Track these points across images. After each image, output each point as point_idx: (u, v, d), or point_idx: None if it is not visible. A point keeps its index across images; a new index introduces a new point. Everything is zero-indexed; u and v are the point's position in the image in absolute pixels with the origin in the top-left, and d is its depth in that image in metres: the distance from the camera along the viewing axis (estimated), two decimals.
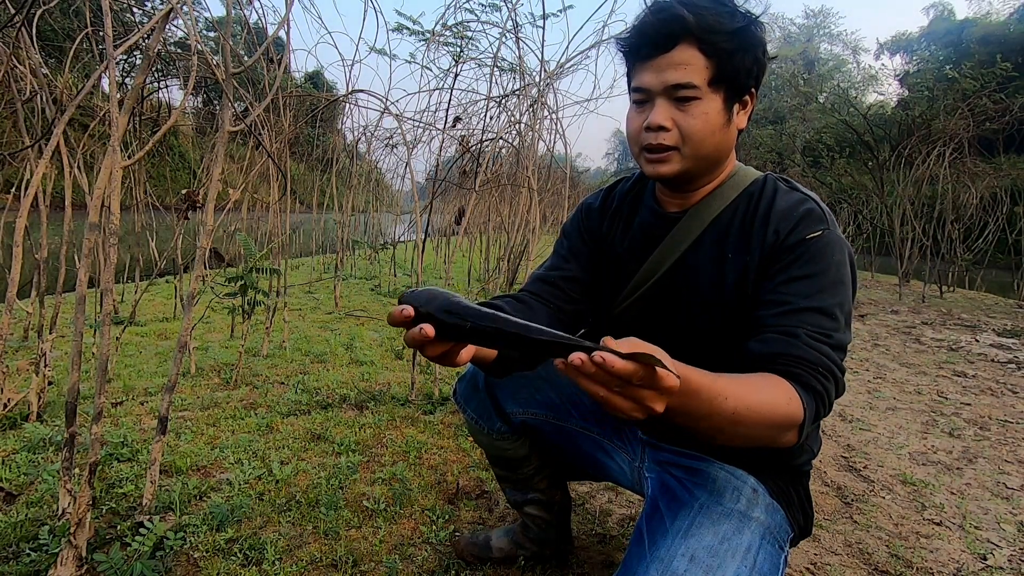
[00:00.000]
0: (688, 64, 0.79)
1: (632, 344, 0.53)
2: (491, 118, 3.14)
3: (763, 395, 0.68)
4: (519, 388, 1.14)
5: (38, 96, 1.91)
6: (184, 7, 1.35)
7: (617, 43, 0.87)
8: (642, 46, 0.82)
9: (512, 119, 3.05)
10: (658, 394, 0.53)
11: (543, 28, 2.72)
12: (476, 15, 2.85)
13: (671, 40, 0.79)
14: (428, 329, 0.56)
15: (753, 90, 0.85)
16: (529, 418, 1.15)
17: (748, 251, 0.85)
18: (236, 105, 1.52)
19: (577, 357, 0.51)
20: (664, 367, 0.51)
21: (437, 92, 3.46)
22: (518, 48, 2.83)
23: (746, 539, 0.79)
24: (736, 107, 0.84)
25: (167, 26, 1.26)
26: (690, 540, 0.77)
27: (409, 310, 0.57)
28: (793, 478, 0.93)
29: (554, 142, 3.41)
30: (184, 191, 2.20)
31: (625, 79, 0.91)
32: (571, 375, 0.53)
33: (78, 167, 2.16)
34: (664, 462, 1.00)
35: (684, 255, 0.91)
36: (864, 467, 2.03)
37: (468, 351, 0.63)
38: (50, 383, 2.06)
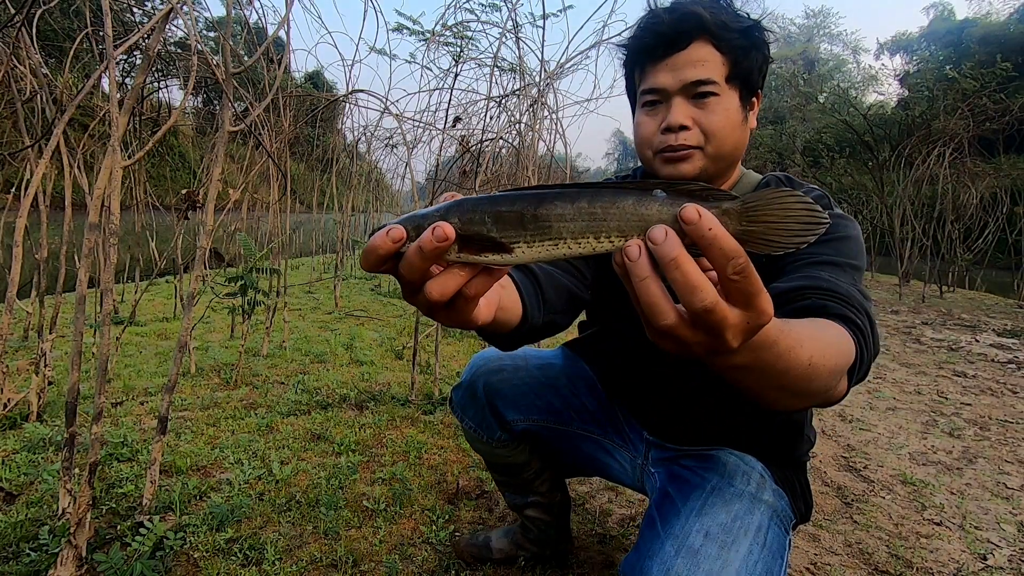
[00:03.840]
0: (706, 61, 0.78)
1: None
2: (491, 118, 3.14)
3: (828, 336, 0.56)
4: (520, 395, 1.13)
5: (38, 96, 1.91)
6: (184, 7, 1.35)
7: (623, 46, 0.86)
8: (657, 45, 0.80)
9: (512, 119, 3.05)
10: (748, 317, 0.38)
11: (543, 28, 2.72)
12: (476, 15, 2.85)
13: (686, 37, 0.78)
14: (447, 228, 0.37)
15: (759, 91, 0.85)
16: (531, 425, 1.14)
17: None
18: (236, 105, 1.52)
19: (661, 230, 0.36)
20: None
21: (437, 92, 3.46)
22: (518, 48, 2.83)
23: (757, 519, 0.79)
24: (749, 105, 0.85)
25: (167, 26, 1.26)
26: (704, 518, 0.78)
27: (398, 230, 0.38)
28: (795, 468, 0.95)
29: (554, 142, 3.40)
30: (184, 191, 2.20)
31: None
32: (633, 270, 0.37)
33: (78, 167, 2.16)
34: (670, 458, 1.00)
35: None
36: (864, 467, 2.03)
37: (489, 305, 0.49)
38: (50, 383, 2.06)
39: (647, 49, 0.82)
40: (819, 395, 0.56)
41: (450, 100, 3.03)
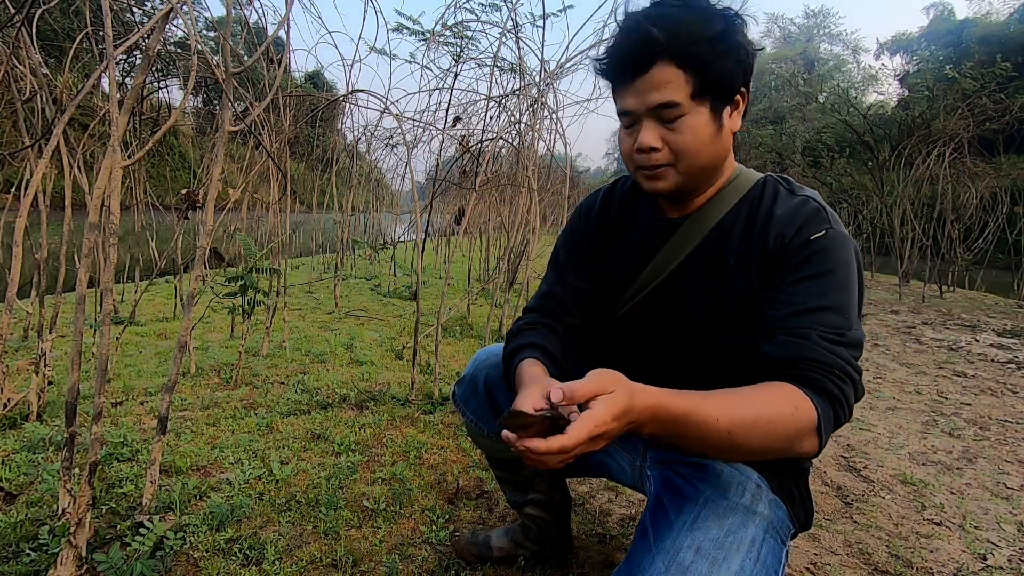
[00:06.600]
0: (667, 83, 0.77)
1: (594, 381, 0.62)
2: (491, 118, 3.14)
3: (762, 410, 0.68)
4: None
5: (38, 96, 1.91)
6: (184, 7, 1.35)
7: (594, 68, 0.87)
8: (620, 71, 0.81)
9: (512, 119, 3.05)
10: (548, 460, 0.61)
11: (543, 28, 2.72)
12: (476, 15, 2.85)
13: (646, 60, 0.77)
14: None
15: (743, 89, 0.83)
16: None
17: (749, 257, 0.85)
18: (236, 105, 1.52)
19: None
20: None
21: (437, 92, 3.46)
22: (518, 48, 2.83)
23: (751, 532, 0.79)
24: (727, 110, 0.83)
25: (167, 26, 1.26)
26: (696, 533, 0.77)
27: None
28: (794, 475, 0.93)
29: (554, 142, 3.40)
30: (184, 191, 2.20)
31: None
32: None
33: (78, 167, 2.16)
34: (667, 460, 0.99)
35: (684, 261, 0.90)
36: (864, 467, 2.03)
37: None
38: (50, 383, 2.06)
39: (612, 74, 0.82)
40: (770, 454, 0.70)
41: (450, 100, 3.04)
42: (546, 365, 0.88)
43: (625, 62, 0.79)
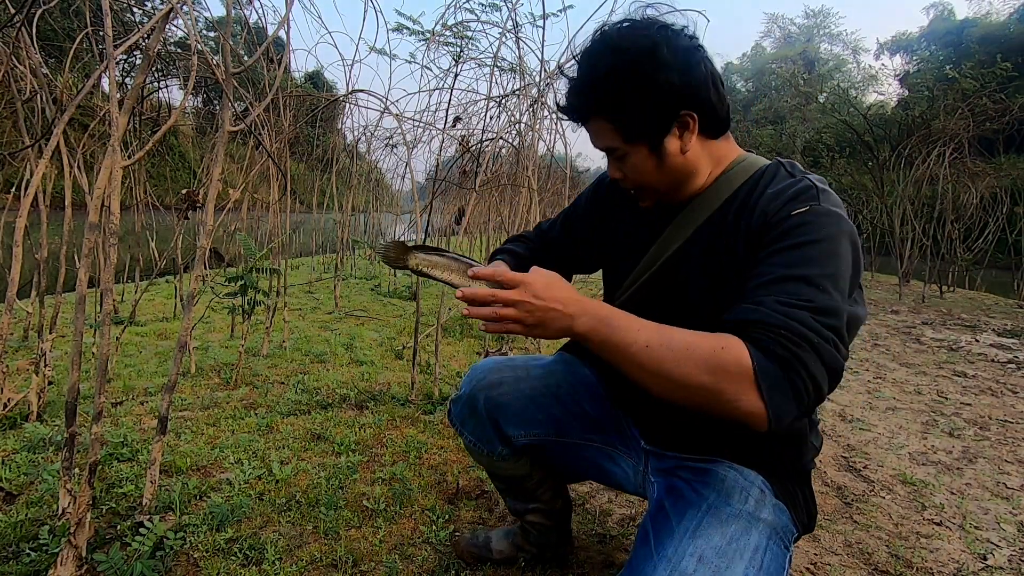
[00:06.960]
0: (601, 134, 0.86)
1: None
2: (491, 118, 3.14)
3: (687, 336, 0.69)
4: (521, 408, 1.12)
5: (38, 96, 1.91)
6: (184, 7, 1.35)
7: None
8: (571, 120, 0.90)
9: (512, 119, 3.05)
10: (515, 295, 0.73)
11: (543, 28, 2.72)
12: (476, 15, 2.85)
13: (582, 119, 0.87)
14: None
15: (685, 112, 0.81)
16: (532, 440, 1.13)
17: (738, 236, 0.83)
18: (236, 105, 1.52)
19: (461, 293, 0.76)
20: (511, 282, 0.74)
21: (437, 92, 3.46)
22: (518, 48, 2.83)
23: (754, 540, 0.78)
24: (673, 134, 0.82)
25: (167, 26, 1.26)
26: (698, 540, 0.77)
27: None
28: (797, 477, 0.93)
29: (554, 142, 3.41)
30: (184, 191, 2.20)
31: None
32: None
33: (78, 167, 2.16)
34: (669, 468, 0.99)
35: (683, 246, 0.91)
36: (864, 467, 2.03)
37: None
38: (50, 383, 2.06)
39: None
40: (694, 390, 0.66)
41: (450, 100, 3.04)
42: (512, 264, 1.04)
43: (569, 115, 0.89)
